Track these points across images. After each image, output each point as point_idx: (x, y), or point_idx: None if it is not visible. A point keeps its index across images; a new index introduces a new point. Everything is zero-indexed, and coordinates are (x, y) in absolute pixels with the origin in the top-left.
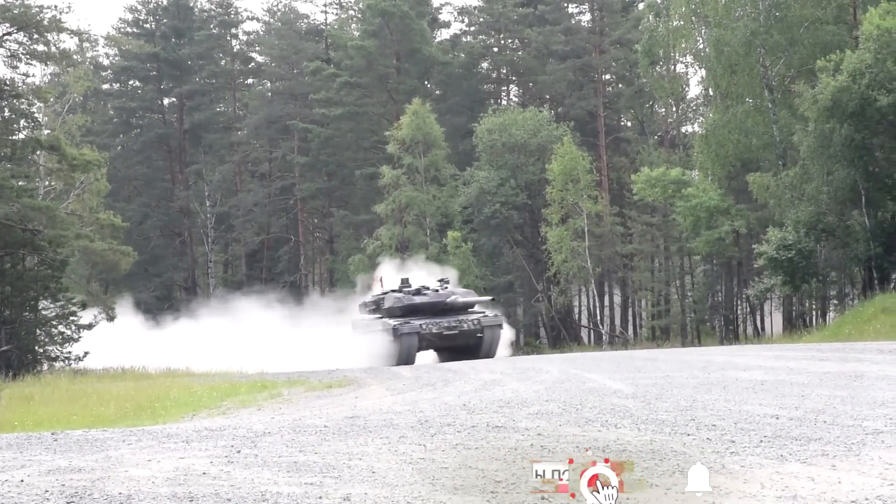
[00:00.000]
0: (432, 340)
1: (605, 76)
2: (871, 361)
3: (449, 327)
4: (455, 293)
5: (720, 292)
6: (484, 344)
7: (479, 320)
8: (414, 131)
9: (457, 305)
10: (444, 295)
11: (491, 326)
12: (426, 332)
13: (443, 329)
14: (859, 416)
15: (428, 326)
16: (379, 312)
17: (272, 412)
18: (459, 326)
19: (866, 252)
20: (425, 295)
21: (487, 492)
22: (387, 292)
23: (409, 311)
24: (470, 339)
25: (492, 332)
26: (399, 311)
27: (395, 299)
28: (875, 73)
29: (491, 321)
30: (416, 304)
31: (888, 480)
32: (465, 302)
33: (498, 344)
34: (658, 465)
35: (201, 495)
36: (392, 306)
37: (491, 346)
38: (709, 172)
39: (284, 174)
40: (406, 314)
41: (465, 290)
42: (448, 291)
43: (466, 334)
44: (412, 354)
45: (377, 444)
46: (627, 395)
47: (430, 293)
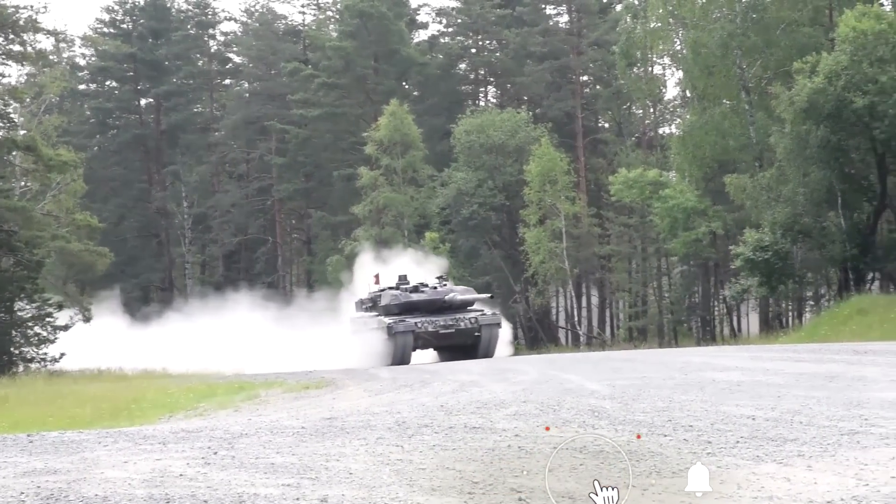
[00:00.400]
0: (428, 339)
1: (582, 77)
2: (846, 362)
3: (445, 326)
4: (454, 290)
5: (697, 293)
6: (482, 343)
7: (476, 318)
8: (392, 132)
9: (455, 303)
10: (442, 292)
11: (489, 325)
12: (421, 331)
13: (439, 327)
14: (835, 417)
15: (423, 325)
16: (376, 310)
17: (249, 413)
18: (456, 325)
19: (842, 253)
20: (423, 292)
21: (465, 493)
22: (384, 289)
23: (406, 308)
24: (467, 337)
25: (489, 331)
26: (396, 308)
27: (392, 296)
28: (851, 75)
29: (489, 319)
30: (413, 302)
31: (863, 481)
32: (464, 300)
33: (496, 343)
34: (635, 466)
35: (178, 497)
36: (389, 304)
37: (489, 345)
38: (686, 174)
39: (262, 175)
40: (403, 312)
41: (464, 288)
42: (447, 289)
43: (463, 333)
44: (407, 354)
45: (354, 445)
46: (605, 395)
47: (428, 290)
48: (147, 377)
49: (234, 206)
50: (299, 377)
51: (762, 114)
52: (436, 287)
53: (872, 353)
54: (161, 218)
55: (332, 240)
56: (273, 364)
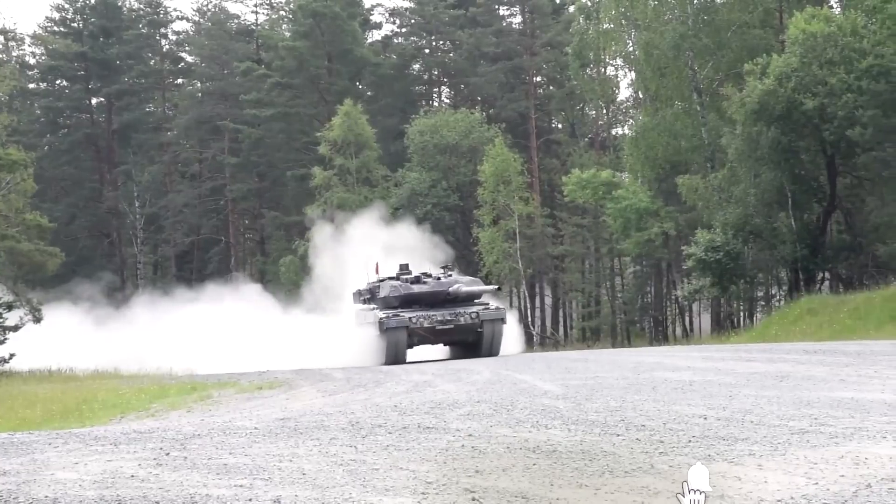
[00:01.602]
0: (424, 336)
1: (536, 78)
2: (796, 362)
3: (443, 321)
4: (459, 282)
5: (650, 293)
6: (484, 340)
7: (477, 313)
8: (345, 132)
9: (460, 295)
10: (446, 284)
11: (492, 320)
12: (416, 327)
13: (436, 323)
14: (785, 416)
15: (419, 320)
16: (375, 302)
17: (202, 414)
18: (455, 320)
19: (793, 254)
20: (425, 283)
21: (418, 493)
22: (383, 279)
23: (406, 301)
24: (468, 334)
25: (492, 327)
26: (396, 301)
27: (392, 288)
28: (801, 76)
29: (492, 314)
30: (414, 294)
31: (813, 479)
32: (470, 292)
33: (500, 340)
34: (588, 466)
35: (129, 498)
36: (388, 296)
37: (492, 343)
38: (638, 174)
39: (215, 175)
40: (403, 304)
41: (470, 279)
42: (451, 280)
43: (463, 329)
44: (401, 351)
45: (308, 445)
46: (558, 395)
47: (431, 282)
48: (98, 378)
49: (187, 206)
50: (252, 377)
51: (714, 115)
52: (439, 278)
53: (822, 353)
54: (113, 218)
55: (286, 240)
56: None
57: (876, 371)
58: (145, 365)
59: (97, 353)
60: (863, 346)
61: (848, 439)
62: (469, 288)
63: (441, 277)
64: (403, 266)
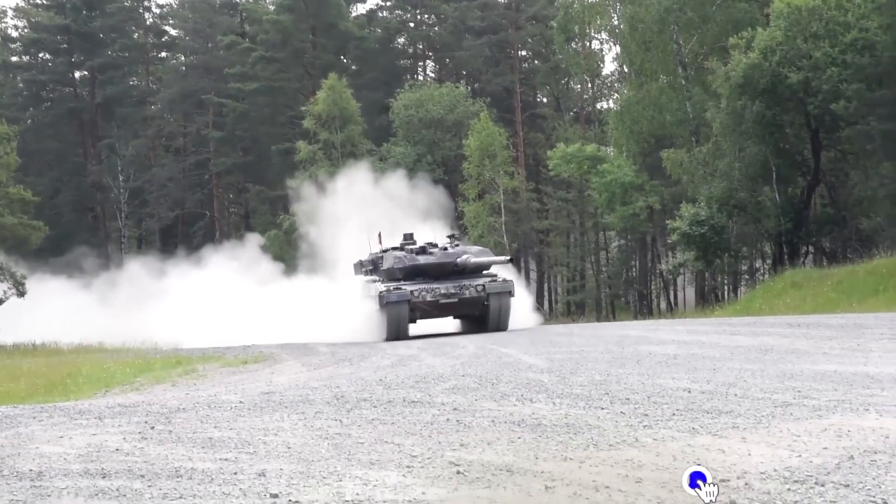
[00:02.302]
0: (427, 310)
1: (521, 52)
2: (780, 335)
3: (447, 294)
4: (467, 252)
5: (634, 267)
6: (491, 314)
7: (483, 286)
8: (330, 106)
9: (469, 266)
10: (453, 254)
11: (498, 293)
12: (418, 301)
13: (439, 297)
14: (769, 389)
15: (421, 293)
16: (377, 274)
17: (187, 388)
18: (460, 293)
19: (777, 227)
20: (431, 254)
21: (403, 466)
22: (386, 250)
23: (411, 272)
24: (474, 307)
25: (499, 300)
26: (400, 272)
27: (396, 259)
28: (785, 50)
29: (498, 287)
30: (420, 265)
31: (796, 452)
32: (479, 263)
33: (508, 314)
34: (573, 439)
35: (114, 472)
36: (392, 267)
37: (500, 317)
38: (623, 148)
39: (199, 149)
40: (408, 276)
41: (479, 249)
42: (459, 250)
43: (469, 302)
44: (403, 327)
45: (293, 419)
46: (543, 369)
47: (438, 252)
48: (82, 352)
49: (171, 181)
50: (237, 352)
51: (698, 89)
52: (446, 248)
53: (805, 326)
54: (96, 192)
55: (271, 214)
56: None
57: (859, 344)
58: (130, 339)
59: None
60: (846, 319)
61: (831, 412)
62: (478, 259)
63: (448, 247)
64: (407, 236)
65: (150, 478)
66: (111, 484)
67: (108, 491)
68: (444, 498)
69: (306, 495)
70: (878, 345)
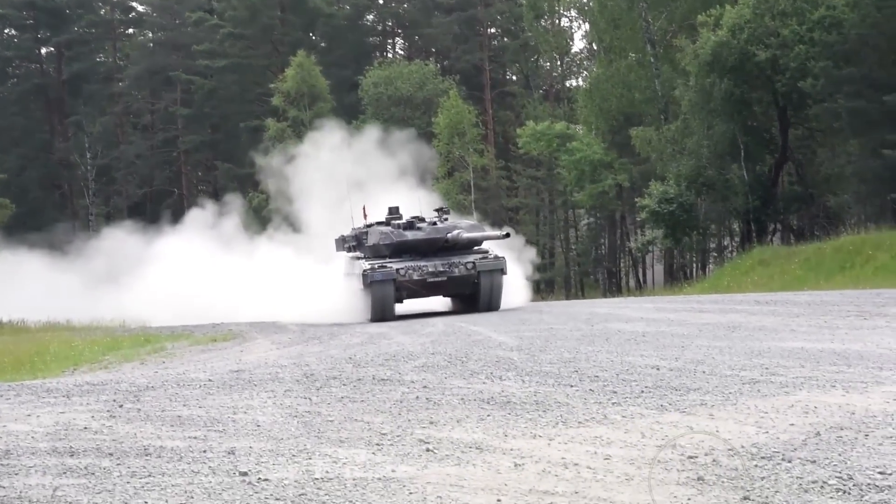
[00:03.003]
0: (414, 289)
1: (490, 30)
2: (748, 312)
3: (434, 273)
4: (458, 227)
5: (603, 245)
6: (482, 292)
7: (473, 263)
8: (299, 84)
9: (460, 242)
10: (443, 229)
11: (489, 271)
12: (405, 279)
13: (426, 275)
14: (737, 367)
15: (407, 272)
16: (361, 250)
17: (155, 366)
18: (449, 272)
19: (745, 205)
20: (420, 229)
21: (373, 444)
22: (371, 225)
23: (398, 249)
24: (464, 286)
25: (490, 279)
26: (386, 249)
27: (382, 234)
28: (753, 28)
29: (489, 265)
30: (407, 242)
31: (763, 428)
32: (471, 238)
33: (500, 292)
34: (542, 417)
35: (82, 450)
36: (377, 243)
37: (491, 296)
38: (593, 126)
39: (167, 126)
40: (395, 253)
41: (470, 223)
42: (449, 225)
43: (458, 281)
44: (388, 307)
45: (262, 397)
46: (512, 347)
47: (426, 227)
48: (50, 329)
49: (139, 158)
50: (206, 330)
51: (667, 67)
52: (435, 223)
53: (773, 304)
54: (64, 169)
55: (240, 192)
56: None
57: (826, 321)
58: (98, 316)
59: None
60: (813, 296)
61: (798, 389)
62: (470, 234)
63: (437, 222)
64: (392, 210)
65: (118, 456)
66: (79, 462)
67: (77, 469)
68: (413, 475)
69: (276, 473)
70: (845, 322)
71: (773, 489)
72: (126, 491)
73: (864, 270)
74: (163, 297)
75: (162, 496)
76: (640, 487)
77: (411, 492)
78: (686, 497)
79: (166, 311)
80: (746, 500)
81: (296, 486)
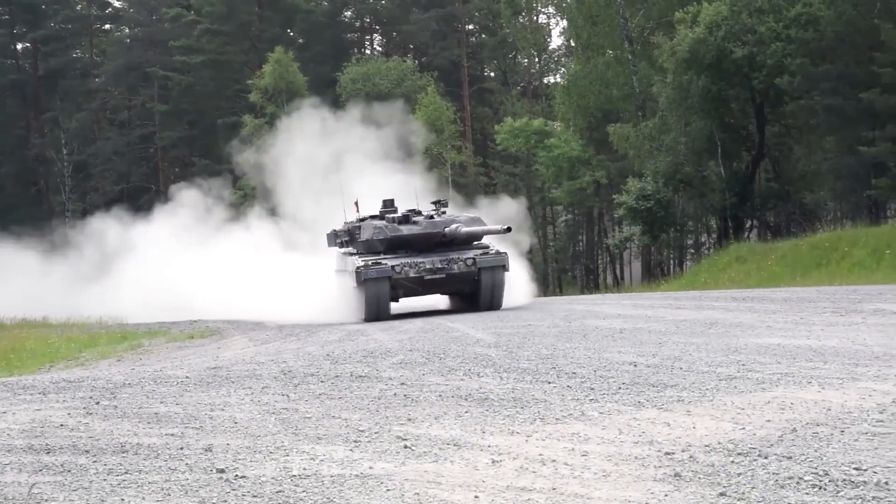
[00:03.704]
0: (411, 287)
1: (468, 26)
2: (725, 309)
3: (432, 269)
4: (457, 221)
5: (581, 242)
6: (483, 290)
7: (474, 259)
8: (276, 80)
9: (459, 237)
10: (440, 223)
11: (490, 268)
12: (401, 277)
13: (423, 272)
14: (714, 363)
15: (403, 269)
16: (354, 246)
17: (132, 363)
18: (448, 268)
19: (722, 202)
20: (416, 223)
21: (351, 441)
22: (364, 219)
23: (393, 244)
24: (464, 283)
25: (492, 276)
26: (380, 245)
27: (376, 229)
28: (731, 25)
29: (490, 261)
30: (403, 237)
31: (740, 425)
32: (470, 233)
33: (502, 290)
34: (520, 413)
35: (58, 447)
36: (371, 238)
37: (492, 294)
38: (570, 123)
39: (144, 122)
40: (390, 249)
41: (469, 217)
42: (447, 218)
43: (457, 278)
44: (383, 306)
45: (240, 394)
46: (490, 343)
47: (423, 221)
48: (26, 326)
49: (116, 154)
50: (183, 326)
51: (645, 64)
52: (432, 216)
53: (750, 300)
54: (40, 165)
55: None
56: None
57: (802, 318)
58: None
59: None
60: (790, 292)
61: (774, 385)
62: (469, 228)
63: (434, 216)
64: (387, 202)
65: (94, 453)
66: (55, 459)
67: (53, 466)
68: (391, 472)
69: (253, 470)
70: (821, 318)
71: (749, 485)
72: (102, 488)
73: (840, 267)
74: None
75: (139, 493)
76: (617, 483)
77: (389, 488)
78: (663, 493)
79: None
80: (723, 497)
81: (273, 483)
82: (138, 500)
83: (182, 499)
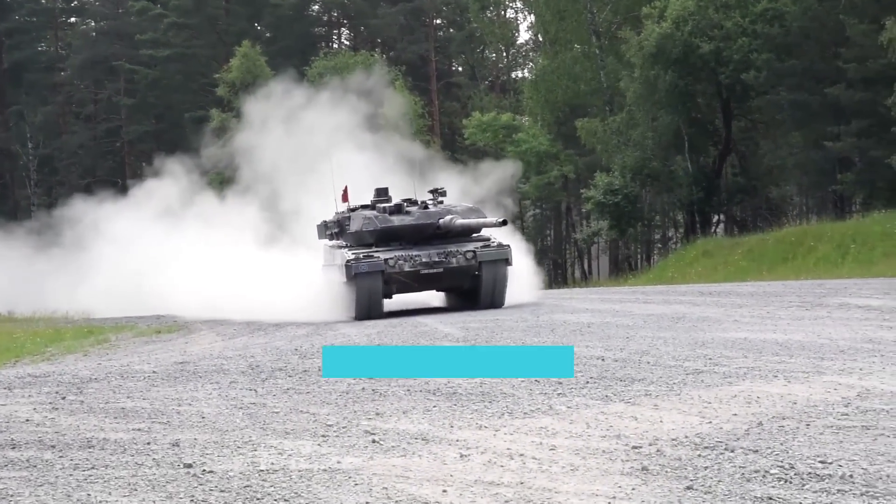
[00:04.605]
0: (405, 282)
1: (436, 20)
2: (692, 303)
3: (429, 263)
4: (452, 211)
5: (549, 236)
6: (483, 286)
7: (474, 253)
8: (244, 74)
9: (454, 229)
10: (435, 214)
11: (492, 262)
12: (394, 271)
13: (419, 266)
14: (680, 357)
15: (397, 262)
16: (343, 238)
17: (99, 358)
18: (446, 262)
19: (689, 196)
20: (409, 213)
21: (319, 435)
22: (354, 209)
23: (383, 236)
24: (462, 279)
25: (493, 270)
26: (370, 236)
27: (366, 220)
28: (697, 20)
29: (492, 254)
30: (394, 228)
31: (707, 419)
32: (466, 224)
33: (504, 286)
34: (488, 407)
35: (24, 442)
36: (361, 230)
37: (494, 290)
38: (538, 118)
39: (111, 116)
40: (381, 241)
41: (466, 207)
42: (442, 209)
43: (455, 273)
44: (375, 302)
45: (207, 389)
46: (458, 338)
47: (416, 211)
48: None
49: (82, 148)
50: (150, 321)
51: (612, 58)
52: (427, 206)
53: (716, 294)
54: (4, 159)
55: None
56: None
57: (768, 312)
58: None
59: None
60: (756, 287)
61: (741, 379)
62: (465, 220)
63: (429, 205)
64: (381, 191)
65: (61, 448)
66: (21, 455)
67: (18, 462)
68: (359, 467)
69: (221, 465)
70: (787, 312)
71: (716, 478)
72: (69, 483)
73: (805, 261)
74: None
75: (105, 488)
76: (584, 477)
77: (357, 483)
78: (630, 487)
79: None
80: (690, 490)
81: (241, 478)
82: (105, 495)
83: (149, 494)
